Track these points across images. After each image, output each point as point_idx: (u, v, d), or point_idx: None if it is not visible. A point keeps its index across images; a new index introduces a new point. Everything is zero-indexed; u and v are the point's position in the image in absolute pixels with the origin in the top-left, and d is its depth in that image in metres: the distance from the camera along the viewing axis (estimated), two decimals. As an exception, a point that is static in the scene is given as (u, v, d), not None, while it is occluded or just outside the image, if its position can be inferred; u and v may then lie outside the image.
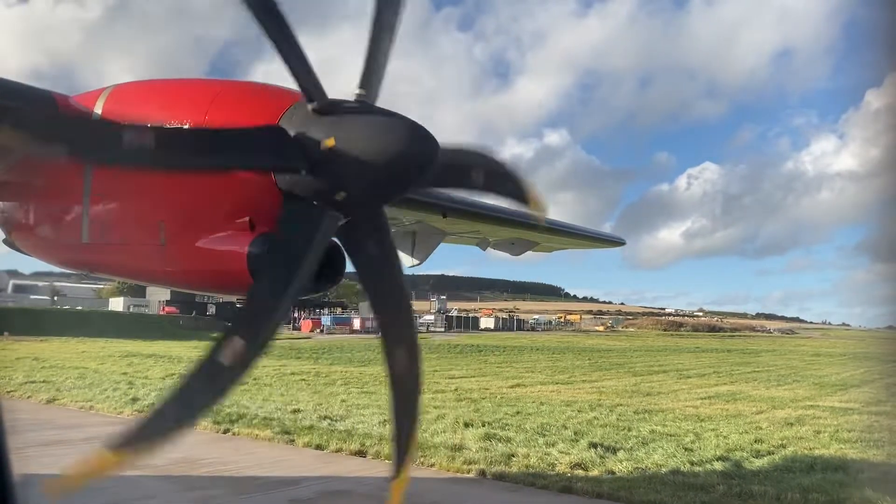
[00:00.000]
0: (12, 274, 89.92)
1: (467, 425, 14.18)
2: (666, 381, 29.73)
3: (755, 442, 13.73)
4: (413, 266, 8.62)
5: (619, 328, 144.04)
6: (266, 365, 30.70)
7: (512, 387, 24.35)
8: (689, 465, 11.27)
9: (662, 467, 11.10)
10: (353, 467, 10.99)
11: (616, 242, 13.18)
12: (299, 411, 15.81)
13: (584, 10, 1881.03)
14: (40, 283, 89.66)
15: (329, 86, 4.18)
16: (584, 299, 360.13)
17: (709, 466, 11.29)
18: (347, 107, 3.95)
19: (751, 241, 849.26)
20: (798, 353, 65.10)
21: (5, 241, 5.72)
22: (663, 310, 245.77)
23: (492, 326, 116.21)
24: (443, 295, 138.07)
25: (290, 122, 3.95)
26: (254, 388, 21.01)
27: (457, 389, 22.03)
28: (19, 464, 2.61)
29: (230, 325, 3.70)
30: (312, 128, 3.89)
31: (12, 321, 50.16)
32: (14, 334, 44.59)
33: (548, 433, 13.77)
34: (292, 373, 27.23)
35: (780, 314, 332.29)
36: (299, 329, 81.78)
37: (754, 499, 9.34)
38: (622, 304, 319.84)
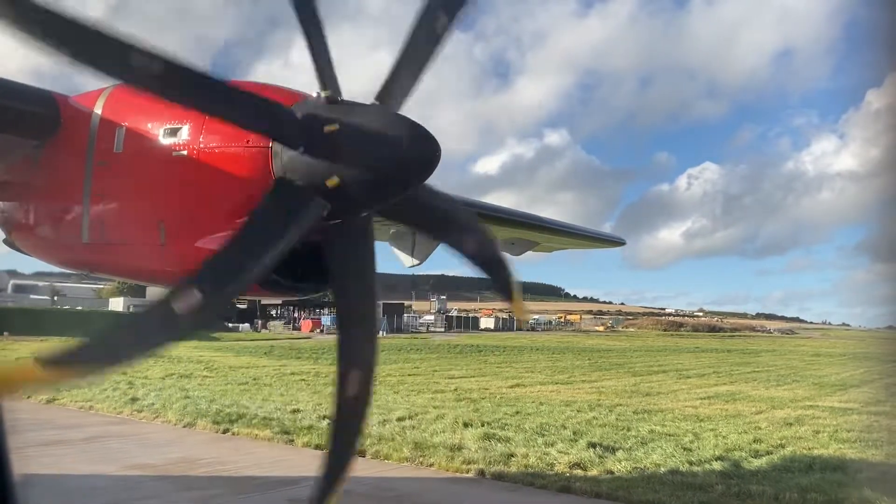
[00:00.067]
0: (12, 274, 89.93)
1: (466, 425, 14.19)
2: (665, 381, 29.71)
3: (754, 442, 13.74)
4: (413, 266, 8.60)
5: (619, 328, 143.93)
6: (266, 365, 30.77)
7: (511, 387, 24.34)
8: (688, 465, 11.28)
9: (661, 467, 11.11)
10: (353, 467, 10.99)
11: (616, 242, 13.18)
12: (299, 411, 15.81)
13: (585, 11, 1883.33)
14: (40, 283, 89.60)
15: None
16: (584, 299, 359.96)
17: (707, 466, 11.30)
18: (357, 103, 4.02)
19: (751, 241, 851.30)
20: (798, 354, 65.03)
21: (5, 241, 5.73)
22: (663, 310, 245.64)
23: (492, 326, 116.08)
24: (443, 295, 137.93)
25: (299, 107, 4.03)
26: (253, 388, 21.06)
27: (456, 389, 22.04)
28: (19, 463, 2.62)
29: (193, 277, 3.57)
30: (318, 111, 3.96)
31: (12, 321, 50.16)
32: (14, 334, 44.57)
33: (547, 433, 13.78)
34: (292, 373, 27.20)
35: (780, 314, 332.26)
36: (299, 329, 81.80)
37: (752, 498, 9.36)
38: (622, 304, 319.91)
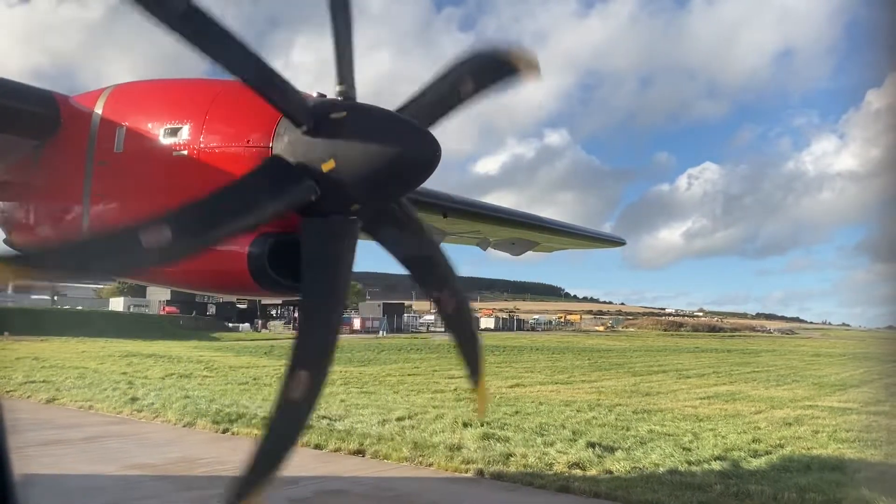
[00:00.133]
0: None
1: (466, 425, 14.19)
2: (665, 381, 29.72)
3: (753, 442, 13.75)
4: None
5: (619, 328, 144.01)
6: (266, 365, 30.76)
7: (511, 387, 24.36)
8: (687, 465, 11.29)
9: (660, 467, 11.12)
10: (352, 467, 11.03)
11: (616, 242, 13.19)
12: (298, 411, 15.81)
13: (586, 11, 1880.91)
14: (39, 284, 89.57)
15: (331, 86, 4.23)
16: (585, 299, 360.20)
17: (706, 466, 11.31)
18: (336, 119, 3.93)
19: (751, 241, 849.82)
20: (798, 354, 65.03)
21: (5, 241, 5.73)
22: (663, 310, 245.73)
23: (492, 326, 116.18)
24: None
25: (284, 145, 3.98)
26: (253, 387, 21.06)
27: (456, 389, 22.02)
28: (19, 463, 2.63)
29: (293, 361, 3.73)
30: (309, 152, 3.90)
31: (12, 321, 50.21)
32: (14, 334, 44.59)
33: (546, 433, 13.79)
34: (292, 373, 27.17)
35: (781, 314, 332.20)
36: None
37: (751, 498, 9.37)
38: (622, 304, 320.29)
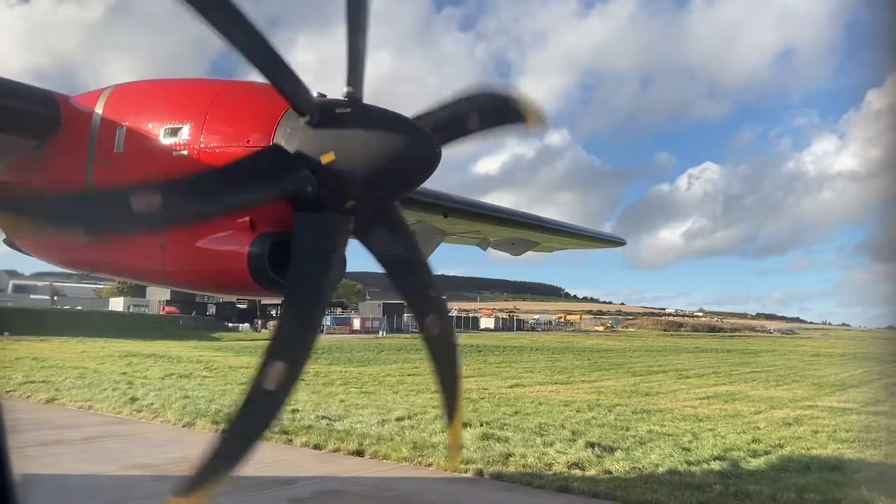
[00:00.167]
0: (12, 274, 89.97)
1: (465, 425, 14.18)
2: (665, 381, 29.72)
3: (752, 442, 13.76)
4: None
5: (619, 328, 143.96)
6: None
7: (511, 387, 24.36)
8: (686, 465, 11.30)
9: (659, 467, 11.13)
10: (351, 467, 11.03)
11: (616, 242, 13.19)
12: (298, 411, 15.82)
13: (586, 11, 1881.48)
14: (40, 283, 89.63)
15: (330, 86, 4.21)
16: (585, 299, 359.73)
17: (706, 466, 11.32)
18: (340, 115, 3.94)
19: (751, 241, 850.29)
20: (798, 354, 65.04)
21: (5, 241, 5.74)
22: (663, 310, 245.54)
23: (492, 326, 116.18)
24: (443, 295, 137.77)
25: (286, 137, 3.97)
26: (253, 387, 21.05)
27: (456, 389, 22.01)
28: (19, 463, 2.64)
29: (269, 352, 3.70)
30: (310, 144, 3.89)
31: (12, 321, 50.13)
32: (14, 334, 44.58)
33: (545, 433, 13.80)
34: (292, 373, 27.19)
35: (781, 314, 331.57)
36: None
37: (750, 498, 9.38)
38: (622, 304, 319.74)
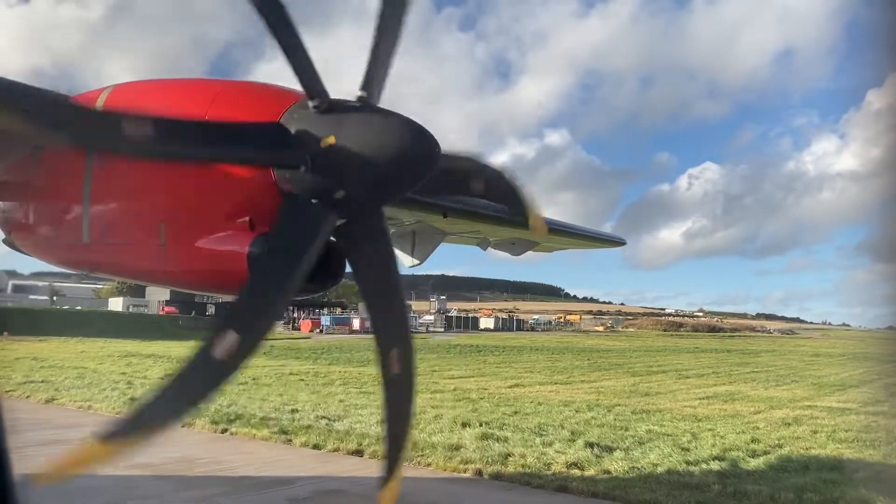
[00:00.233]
0: (12, 274, 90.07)
1: (465, 425, 14.23)
2: (665, 381, 29.75)
3: (752, 442, 13.78)
4: (413, 266, 8.64)
5: (619, 328, 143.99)
6: (265, 365, 30.74)
7: (510, 387, 24.38)
8: (685, 465, 11.32)
9: (658, 467, 11.15)
10: (350, 467, 11.04)
11: (616, 242, 13.20)
12: (297, 411, 15.85)
13: (586, 11, 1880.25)
14: (40, 283, 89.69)
15: (330, 86, 4.21)
16: (584, 299, 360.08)
17: (704, 466, 11.34)
18: (349, 106, 3.98)
19: (751, 241, 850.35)
20: (797, 354, 65.09)
21: (5, 241, 5.76)
22: (663, 310, 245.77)
23: (491, 327, 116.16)
24: (443, 295, 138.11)
25: (291, 120, 3.98)
26: (252, 387, 21.07)
27: (455, 389, 22.07)
28: (18, 463, 2.65)
29: (224, 320, 3.66)
30: (313, 125, 3.91)
31: (12, 321, 50.15)
32: (13, 334, 44.59)
33: (545, 433, 13.82)
34: (291, 373, 27.25)
35: (781, 314, 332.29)
36: (299, 329, 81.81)
37: (749, 498, 9.39)
38: (622, 304, 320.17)
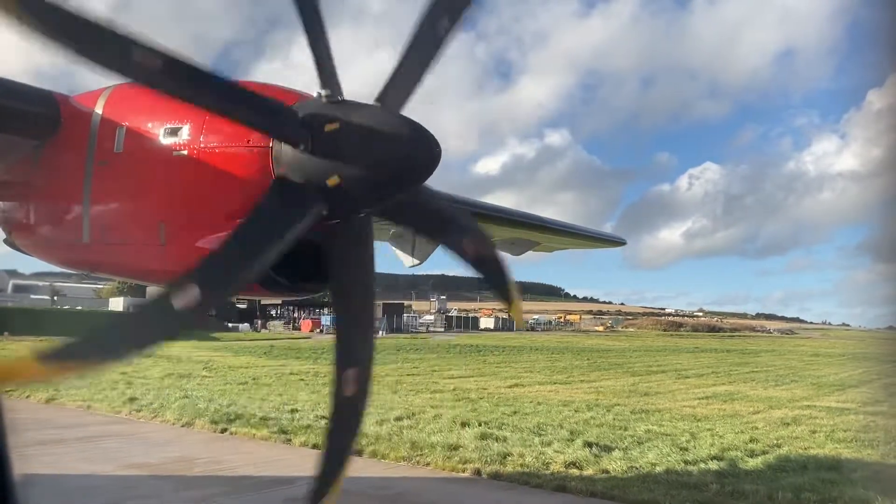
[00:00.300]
0: (12, 274, 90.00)
1: (464, 425, 14.24)
2: (664, 381, 29.74)
3: (750, 441, 13.78)
4: (413, 266, 8.64)
5: (619, 328, 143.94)
6: (265, 365, 30.81)
7: (510, 387, 24.38)
8: (684, 465, 11.34)
9: (657, 466, 11.17)
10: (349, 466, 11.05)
11: (617, 242, 13.23)
12: (297, 411, 15.86)
13: (587, 11, 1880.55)
14: (40, 283, 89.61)
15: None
16: (585, 299, 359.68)
17: (703, 465, 11.35)
18: (358, 103, 4.06)
19: (751, 241, 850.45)
20: (797, 354, 65.02)
21: (5, 241, 5.78)
22: (663, 310, 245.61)
23: (491, 326, 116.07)
24: (443, 295, 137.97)
25: (299, 107, 4.08)
26: (252, 387, 21.11)
27: (455, 389, 22.08)
28: (19, 463, 2.67)
29: (191, 273, 3.55)
30: (320, 110, 4.00)
31: (12, 321, 50.13)
32: (14, 334, 44.52)
33: (544, 433, 13.83)
34: (291, 372, 27.23)
35: (781, 314, 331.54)
36: (299, 329, 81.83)
37: (746, 497, 9.41)
38: (622, 304, 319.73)
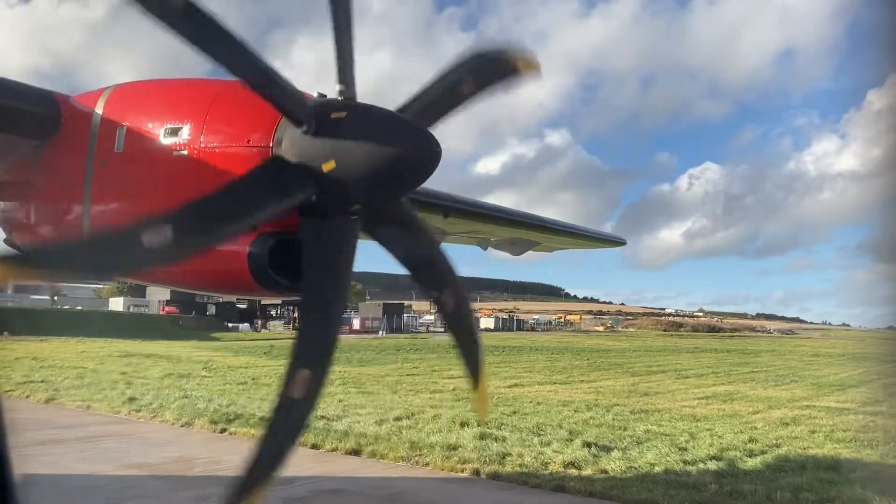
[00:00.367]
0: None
1: (463, 425, 14.25)
2: (664, 381, 29.75)
3: (749, 441, 13.79)
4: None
5: (619, 328, 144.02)
6: (265, 365, 30.78)
7: (510, 387, 24.37)
8: (683, 465, 11.35)
9: (655, 466, 11.18)
10: (348, 466, 11.08)
11: (617, 242, 13.24)
12: (297, 411, 15.85)
13: (587, 11, 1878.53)
14: (40, 283, 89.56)
15: (327, 86, 4.29)
16: (585, 299, 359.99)
17: (702, 466, 11.36)
18: (369, 105, 4.03)
19: (751, 241, 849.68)
20: (797, 354, 65.02)
21: (5, 241, 5.79)
22: (663, 310, 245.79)
23: (491, 326, 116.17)
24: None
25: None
26: (252, 387, 21.09)
27: (454, 389, 22.06)
28: (19, 463, 2.68)
29: (170, 216, 3.52)
30: (329, 102, 3.99)
31: (12, 321, 50.11)
32: (14, 334, 44.55)
33: (543, 433, 13.84)
34: (291, 373, 27.19)
35: (781, 314, 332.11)
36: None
37: (745, 497, 9.42)
38: (622, 304, 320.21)
